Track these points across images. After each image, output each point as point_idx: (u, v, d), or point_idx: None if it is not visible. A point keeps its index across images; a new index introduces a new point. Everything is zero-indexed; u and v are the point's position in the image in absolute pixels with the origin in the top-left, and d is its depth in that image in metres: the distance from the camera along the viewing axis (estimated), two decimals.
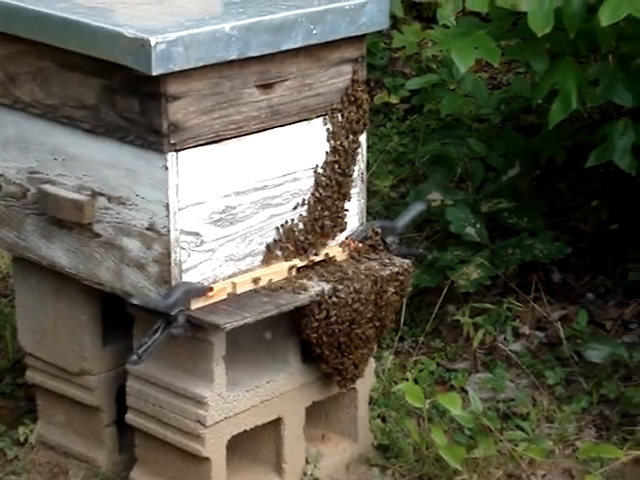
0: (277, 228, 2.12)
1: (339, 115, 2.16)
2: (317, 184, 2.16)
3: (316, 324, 2.11)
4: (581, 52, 2.76)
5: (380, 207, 3.20)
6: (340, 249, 2.21)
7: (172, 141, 1.95)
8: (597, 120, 3.01)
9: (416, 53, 3.80)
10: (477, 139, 3.11)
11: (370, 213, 2.56)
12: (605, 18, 2.34)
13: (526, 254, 2.78)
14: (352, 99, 2.17)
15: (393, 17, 3.32)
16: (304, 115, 2.11)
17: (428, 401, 2.26)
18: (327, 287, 2.11)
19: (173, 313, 1.98)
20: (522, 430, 2.37)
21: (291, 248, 2.14)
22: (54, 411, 2.33)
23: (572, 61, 2.61)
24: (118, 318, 2.19)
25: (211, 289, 2.03)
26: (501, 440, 2.27)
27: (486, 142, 3.09)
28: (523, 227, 2.86)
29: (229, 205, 2.05)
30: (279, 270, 2.13)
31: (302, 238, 2.15)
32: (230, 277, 2.07)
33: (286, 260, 2.14)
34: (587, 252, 2.94)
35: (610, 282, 2.87)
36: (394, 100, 3.81)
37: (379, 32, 2.25)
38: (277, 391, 2.15)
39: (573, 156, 2.95)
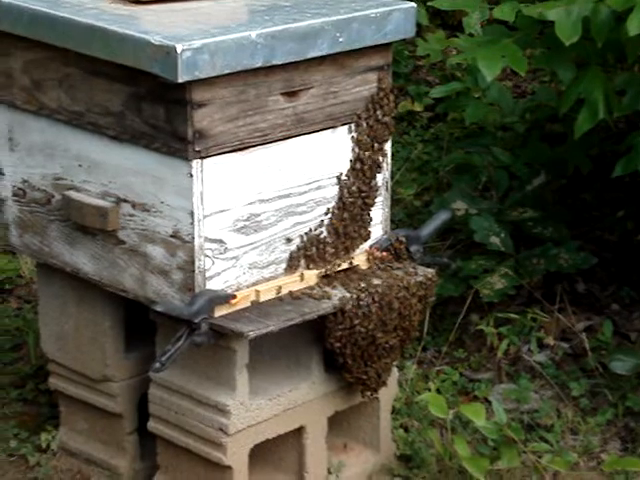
0: (301, 236, 2.11)
1: (364, 123, 2.15)
2: (341, 192, 2.15)
3: (340, 333, 2.10)
4: (608, 61, 2.74)
5: (403, 215, 3.19)
6: (364, 258, 2.20)
7: (197, 148, 1.95)
8: (623, 130, 2.99)
9: (440, 61, 3.79)
10: (502, 148, 3.09)
11: (393, 221, 2.55)
12: (633, 27, 2.33)
13: (551, 264, 2.76)
14: (377, 107, 2.16)
15: (418, 25, 3.31)
16: (329, 123, 2.11)
17: (451, 411, 2.25)
18: (351, 296, 2.10)
19: (197, 321, 1.97)
20: (546, 442, 2.35)
21: (315, 256, 2.13)
22: (76, 418, 2.33)
23: (599, 70, 2.59)
24: (140, 325, 2.18)
25: (234, 297, 2.03)
26: (525, 452, 2.25)
27: (511, 151, 3.07)
28: (548, 237, 2.84)
29: (253, 213, 2.04)
30: (303, 278, 2.12)
31: (326, 246, 2.14)
32: (253, 285, 2.06)
33: (310, 268, 2.13)
34: (612, 262, 2.92)
35: (635, 293, 2.84)
36: (418, 108, 3.80)
37: (403, 40, 2.24)
38: (299, 400, 2.14)
39: (599, 166, 2.93)
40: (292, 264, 2.11)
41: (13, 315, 2.87)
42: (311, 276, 2.13)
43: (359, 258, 2.20)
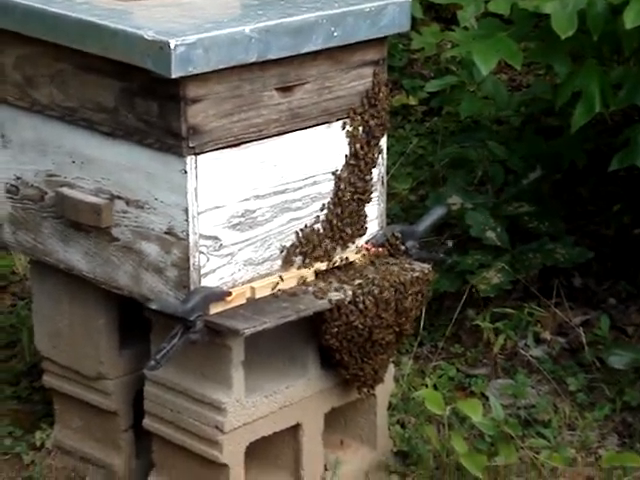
0: (296, 232, 2.10)
1: (359, 118, 2.13)
2: (337, 188, 2.14)
3: (336, 329, 2.09)
4: (604, 55, 2.73)
5: (398, 210, 3.18)
6: (360, 254, 2.19)
7: (191, 144, 1.93)
8: (619, 123, 2.98)
9: (435, 54, 3.77)
10: (497, 141, 3.08)
11: (388, 216, 2.53)
12: (630, 20, 2.31)
13: (547, 258, 2.75)
14: (373, 102, 2.14)
15: (412, 18, 3.30)
16: (324, 118, 2.09)
17: (448, 407, 2.24)
18: (347, 292, 2.09)
19: (192, 318, 1.96)
20: (544, 437, 2.34)
21: (310, 252, 2.12)
22: (71, 415, 2.31)
23: (595, 64, 2.58)
24: (135, 322, 2.17)
25: (230, 294, 2.01)
26: (522, 448, 2.24)
27: (506, 145, 3.06)
28: (544, 231, 2.83)
29: (248, 209, 2.03)
30: (298, 274, 2.10)
31: (322, 242, 2.13)
32: (249, 282, 2.05)
33: (305, 264, 2.12)
34: (609, 257, 2.90)
35: (632, 287, 2.83)
36: (413, 102, 3.79)
37: (398, 34, 2.23)
38: (296, 397, 2.13)
39: (594, 160, 2.92)
40: (288, 260, 2.10)
41: (7, 312, 2.85)
42: (307, 272, 2.11)
43: (355, 254, 2.18)
